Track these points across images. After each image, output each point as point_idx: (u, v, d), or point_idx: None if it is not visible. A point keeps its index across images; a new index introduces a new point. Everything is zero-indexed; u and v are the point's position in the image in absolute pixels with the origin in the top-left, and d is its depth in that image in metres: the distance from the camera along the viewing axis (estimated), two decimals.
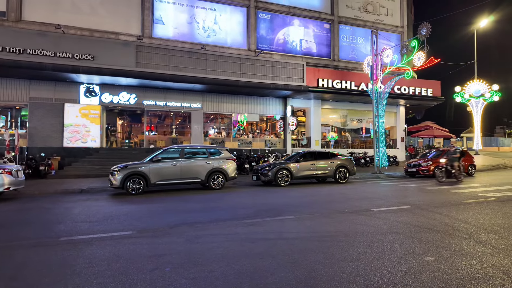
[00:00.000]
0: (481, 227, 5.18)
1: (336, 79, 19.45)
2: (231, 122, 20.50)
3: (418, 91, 21.28)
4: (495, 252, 4.00)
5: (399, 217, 6.05)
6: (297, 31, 20.91)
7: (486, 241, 4.42)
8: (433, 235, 4.78)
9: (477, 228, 5.12)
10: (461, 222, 5.53)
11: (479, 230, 5.00)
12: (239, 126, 21.26)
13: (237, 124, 21.07)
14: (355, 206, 7.23)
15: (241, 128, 21.29)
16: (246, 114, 20.12)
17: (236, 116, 20.35)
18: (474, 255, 3.88)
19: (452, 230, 5.05)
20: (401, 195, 9.15)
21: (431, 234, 4.84)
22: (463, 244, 4.33)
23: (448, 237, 4.65)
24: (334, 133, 23.19)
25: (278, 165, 11.78)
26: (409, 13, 24.63)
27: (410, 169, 15.05)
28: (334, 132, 23.58)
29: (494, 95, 25.90)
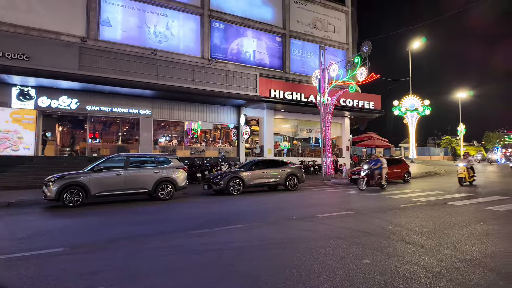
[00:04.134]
0: (412, 230, 5.65)
1: (287, 91, 20.11)
2: (184, 130, 20.02)
3: (361, 104, 22.89)
4: (423, 252, 4.37)
5: (342, 222, 6.36)
6: (250, 42, 21.32)
7: (416, 243, 4.83)
8: (371, 238, 5.10)
9: (409, 231, 5.57)
10: (396, 226, 5.99)
11: (410, 233, 5.45)
12: (193, 134, 20.83)
13: (191, 132, 20.63)
14: (302, 213, 7.44)
15: (195, 136, 20.88)
16: (200, 122, 19.79)
17: (189, 124, 19.91)
18: (405, 256, 4.20)
19: (388, 233, 5.43)
20: (344, 201, 9.65)
21: (369, 238, 5.15)
22: (396, 246, 4.68)
23: (384, 240, 4.98)
24: (286, 142, 23.83)
25: (230, 174, 11.73)
26: (353, 31, 26.59)
27: (354, 176, 15.97)
28: (286, 141, 24.23)
29: (426, 109, 28.92)
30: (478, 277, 3.49)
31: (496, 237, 5.08)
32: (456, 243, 4.75)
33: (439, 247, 4.56)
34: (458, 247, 4.57)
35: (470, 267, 3.76)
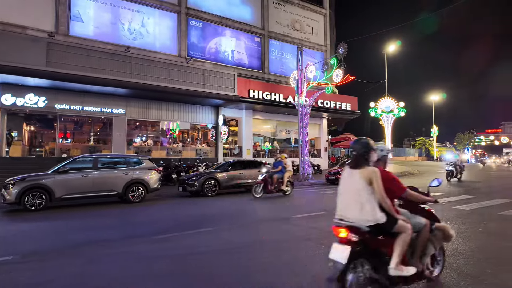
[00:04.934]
0: None
1: (266, 91, 20.08)
2: (160, 130, 19.54)
3: (338, 106, 23.23)
4: None
5: (314, 223, 6.33)
6: (229, 41, 21.13)
7: None
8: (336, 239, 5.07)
9: None
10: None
11: None
12: (171, 134, 20.42)
13: (169, 132, 20.21)
14: (276, 214, 7.37)
15: (174, 137, 20.49)
16: (178, 122, 19.41)
17: (168, 124, 19.51)
18: None
19: None
20: (320, 201, 9.69)
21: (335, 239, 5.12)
22: None
23: None
24: (268, 143, 23.87)
25: (206, 175, 11.51)
26: (331, 33, 26.98)
27: (330, 176, 16.16)
28: (268, 142, 24.28)
29: (401, 111, 29.73)
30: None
31: (460, 237, 5.19)
32: None
33: None
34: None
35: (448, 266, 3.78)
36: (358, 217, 2.77)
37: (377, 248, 2.79)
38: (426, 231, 3.02)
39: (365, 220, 2.74)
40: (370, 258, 2.75)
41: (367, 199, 2.76)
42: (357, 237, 2.71)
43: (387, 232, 2.79)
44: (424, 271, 3.03)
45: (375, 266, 2.74)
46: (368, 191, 2.78)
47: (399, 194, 3.08)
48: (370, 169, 2.84)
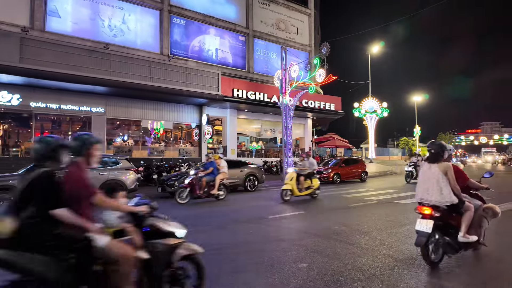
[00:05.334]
0: (357, 229, 5.66)
1: (250, 90, 19.95)
2: (142, 129, 19.11)
3: (322, 106, 23.34)
4: (362, 253, 4.33)
5: (290, 223, 6.24)
6: (213, 40, 20.88)
7: (357, 243, 4.79)
8: (313, 240, 5.00)
9: (354, 231, 5.56)
10: (342, 226, 5.97)
11: (355, 233, 5.44)
12: (155, 134, 20.05)
13: (153, 131, 19.85)
14: (253, 215, 7.24)
15: (158, 136, 20.14)
16: (162, 121, 19.05)
17: (152, 124, 19.15)
18: (344, 258, 4.12)
19: (333, 234, 5.38)
20: (299, 201, 9.62)
21: (312, 239, 5.05)
22: (337, 247, 4.60)
23: (326, 241, 4.90)
24: (255, 143, 23.81)
25: (186, 175, 11.27)
26: (316, 34, 27.10)
27: None
28: (255, 142, 24.21)
29: (384, 111, 30.23)
30: (410, 277, 3.47)
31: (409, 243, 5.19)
32: (396, 242, 4.78)
33: (379, 247, 4.56)
34: (397, 246, 4.59)
35: (404, 268, 3.75)
36: (438, 199, 3.70)
37: (450, 222, 3.81)
38: (481, 209, 3.99)
39: (444, 201, 3.68)
40: (445, 229, 3.77)
41: (444, 185, 3.69)
42: (438, 213, 3.69)
43: (457, 210, 3.74)
44: (479, 239, 3.97)
45: (448, 235, 3.75)
46: (445, 180, 3.70)
47: (464, 182, 4.05)
48: (446, 163, 3.79)
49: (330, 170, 16.04)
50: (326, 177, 15.74)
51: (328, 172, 15.90)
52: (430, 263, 3.72)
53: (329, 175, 15.79)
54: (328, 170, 16.08)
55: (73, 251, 2.14)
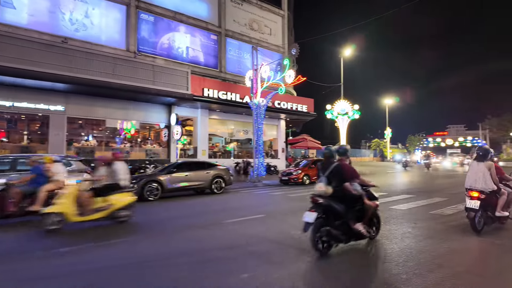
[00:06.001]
0: None
1: (222, 90, 19.59)
2: (108, 129, 18.24)
3: (295, 107, 23.40)
4: (311, 260, 4.14)
5: (246, 228, 5.99)
6: (183, 38, 20.33)
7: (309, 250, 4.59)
8: (266, 246, 4.77)
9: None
10: (299, 230, 5.77)
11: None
12: (126, 134, 19.24)
13: (123, 132, 19.03)
14: (210, 219, 6.93)
15: (128, 137, 19.37)
16: (133, 121, 18.31)
17: (121, 123, 18.43)
18: (291, 266, 3.91)
19: (286, 239, 5.17)
20: (264, 203, 9.42)
21: (265, 245, 4.82)
22: (288, 254, 4.39)
23: (279, 247, 4.69)
24: (233, 144, 23.51)
25: (146, 178, 10.76)
26: (290, 35, 27.17)
27: (283, 177, 16.09)
28: (233, 143, 23.93)
29: (355, 113, 30.76)
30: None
31: (388, 238, 5.12)
32: (352, 247, 4.63)
33: (333, 255, 4.38)
34: (353, 252, 4.43)
35: (357, 276, 3.58)
36: (484, 186, 5.29)
37: (490, 202, 5.35)
38: (509, 194, 5.53)
39: (487, 188, 5.27)
40: (487, 206, 5.33)
41: (488, 177, 5.27)
42: (483, 196, 5.25)
43: (495, 194, 5.35)
44: (509, 215, 5.59)
45: (489, 210, 5.39)
46: (488, 173, 5.28)
47: (500, 176, 5.64)
48: (490, 162, 5.40)
49: (300, 171, 15.99)
50: (295, 178, 15.68)
51: (298, 173, 15.84)
52: (476, 230, 5.26)
53: (298, 176, 15.74)
54: (297, 171, 16.03)
55: (356, 201, 4.42)
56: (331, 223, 4.24)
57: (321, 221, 4.20)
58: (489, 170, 5.27)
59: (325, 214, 4.27)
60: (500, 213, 5.36)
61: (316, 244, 4.18)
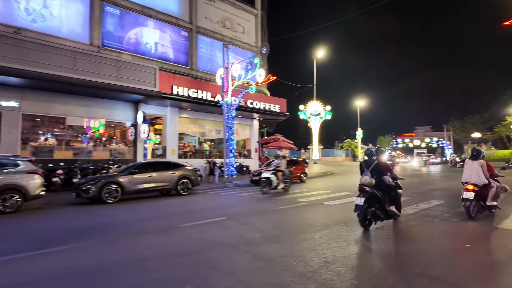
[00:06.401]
0: (272, 236, 5.27)
1: (192, 88, 19.05)
2: (70, 127, 17.17)
3: (268, 107, 23.28)
4: (263, 266, 3.92)
5: (202, 232, 5.68)
6: (152, 33, 19.58)
7: (263, 253, 4.37)
8: (218, 252, 4.49)
9: (267, 238, 5.17)
10: (258, 232, 5.56)
11: (267, 240, 5.03)
12: (93, 133, 18.23)
13: (90, 130, 18.02)
14: (168, 223, 6.55)
15: (96, 136, 18.38)
16: (102, 120, 17.34)
17: (88, 122, 17.46)
18: (239, 274, 3.65)
19: (243, 243, 4.92)
20: (229, 205, 9.13)
21: (218, 250, 4.54)
22: (239, 260, 4.14)
23: (232, 253, 4.42)
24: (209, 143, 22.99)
25: (105, 179, 10.13)
26: (263, 35, 27.02)
27: (254, 177, 15.88)
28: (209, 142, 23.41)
29: (327, 114, 31.30)
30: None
31: (346, 240, 5.00)
32: (304, 250, 4.46)
33: (284, 257, 4.17)
34: (304, 255, 4.25)
35: (300, 283, 3.38)
36: (477, 180, 6.28)
37: (482, 193, 6.31)
38: (499, 188, 6.50)
39: (480, 182, 6.25)
40: (480, 197, 6.31)
41: (481, 173, 6.26)
42: (477, 189, 6.22)
43: (486, 187, 6.30)
44: (497, 205, 6.55)
45: (481, 200, 6.36)
46: (481, 170, 6.28)
47: (491, 172, 6.55)
48: (482, 161, 6.41)
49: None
50: None
51: None
52: (471, 217, 6.31)
53: None
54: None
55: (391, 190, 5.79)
56: (373, 205, 5.55)
57: (367, 204, 5.50)
58: (482, 167, 6.33)
59: (369, 199, 5.52)
60: (490, 202, 6.34)
61: (364, 222, 5.60)
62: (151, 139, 20.25)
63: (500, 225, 5.99)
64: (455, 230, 5.79)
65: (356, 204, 5.57)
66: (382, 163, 5.81)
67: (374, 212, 5.50)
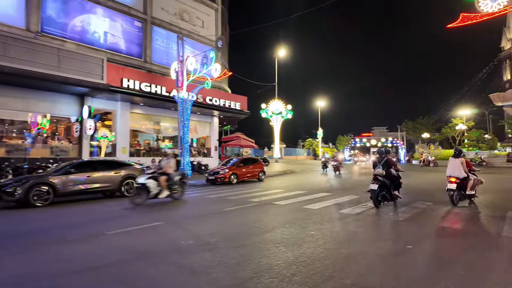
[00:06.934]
0: (206, 243, 4.76)
1: (145, 82, 17.93)
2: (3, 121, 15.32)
3: (228, 104, 22.73)
4: (184, 280, 3.43)
5: (131, 239, 5.03)
6: (101, 22, 18.11)
7: (190, 264, 3.86)
8: (139, 264, 3.90)
9: (201, 245, 4.66)
10: (192, 238, 5.03)
11: (201, 247, 4.53)
12: (39, 129, 16.41)
13: (36, 127, 16.22)
14: (93, 229, 5.78)
15: (44, 132, 16.60)
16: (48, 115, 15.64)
17: (34, 117, 15.68)
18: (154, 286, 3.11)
19: (172, 251, 4.38)
20: (173, 207, 8.48)
21: (138, 263, 3.95)
22: (160, 273, 3.59)
23: (155, 264, 3.86)
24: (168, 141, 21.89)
25: (34, 179, 8.95)
26: (224, 30, 26.40)
27: (210, 177, 15.27)
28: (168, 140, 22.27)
29: (288, 113, 31.44)
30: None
31: (287, 244, 4.66)
32: (238, 259, 4.02)
33: (213, 268, 3.70)
34: (235, 265, 3.81)
35: None
36: (458, 174, 7.67)
37: (462, 184, 7.72)
38: (475, 180, 7.86)
39: (461, 175, 7.64)
40: (460, 188, 7.73)
41: (462, 168, 7.69)
42: (459, 181, 7.70)
43: (466, 180, 7.69)
44: (475, 194, 8.04)
45: (461, 190, 7.77)
46: (461, 166, 7.69)
47: (469, 167, 7.92)
48: (462, 158, 7.84)
49: (227, 170, 15.34)
50: (222, 177, 14.99)
51: (225, 173, 15.17)
52: (454, 203, 7.72)
53: (225, 175, 15.06)
54: (225, 170, 15.35)
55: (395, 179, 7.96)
56: (383, 190, 7.60)
57: (379, 189, 7.50)
58: (462, 164, 7.77)
59: (381, 185, 7.56)
60: (469, 192, 7.77)
61: (376, 202, 7.55)
62: (107, 137, 18.83)
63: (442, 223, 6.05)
64: (399, 230, 5.72)
65: (371, 189, 7.61)
66: (389, 159, 7.87)
67: (384, 195, 7.59)
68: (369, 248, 4.46)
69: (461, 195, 7.82)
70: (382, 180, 7.51)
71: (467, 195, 7.80)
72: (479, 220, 6.45)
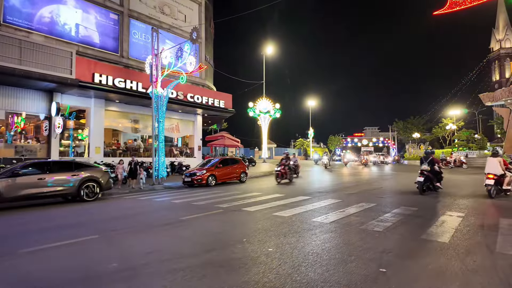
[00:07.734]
0: (130, 267, 3.82)
1: (119, 77, 16.88)
2: None
3: (211, 102, 21.77)
4: None
5: (43, 261, 4.05)
6: (72, 13, 16.97)
7: None
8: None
9: (122, 270, 3.70)
10: (118, 260, 4.08)
11: (120, 273, 3.59)
12: (17, 128, 15.32)
13: (14, 125, 15.15)
14: (10, 245, 4.79)
15: (19, 131, 15.51)
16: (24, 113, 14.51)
17: (13, 116, 14.68)
18: None
19: (84, 280, 3.42)
20: (125, 215, 7.51)
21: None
22: None
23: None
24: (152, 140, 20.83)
25: None
26: (208, 26, 25.40)
27: (186, 178, 14.31)
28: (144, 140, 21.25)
29: (277, 112, 30.54)
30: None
31: (230, 268, 3.73)
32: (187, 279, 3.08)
33: None
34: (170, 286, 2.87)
35: None
36: (496, 171, 9.11)
37: (500, 181, 9.25)
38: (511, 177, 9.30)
39: (499, 172, 9.10)
40: (498, 183, 9.25)
41: (499, 166, 9.09)
42: (497, 177, 9.16)
43: (503, 176, 9.22)
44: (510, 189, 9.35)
45: (498, 185, 9.28)
46: (499, 164, 9.12)
47: (506, 165, 9.32)
48: (499, 158, 9.34)
49: (205, 172, 14.38)
50: (199, 179, 14.03)
51: (202, 174, 14.21)
52: (491, 197, 8.96)
53: (203, 177, 14.11)
54: (202, 171, 14.39)
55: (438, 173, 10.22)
56: (427, 182, 9.91)
57: (424, 182, 9.81)
58: (499, 162, 8.90)
59: (425, 178, 9.84)
60: (506, 187, 8.94)
61: (421, 191, 9.76)
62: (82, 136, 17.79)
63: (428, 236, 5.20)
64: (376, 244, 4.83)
65: (418, 181, 9.83)
66: (434, 159, 10.06)
67: (428, 186, 9.91)
68: (333, 272, 3.55)
69: (498, 190, 9.07)
70: (427, 174, 9.80)
71: (503, 189, 9.04)
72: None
